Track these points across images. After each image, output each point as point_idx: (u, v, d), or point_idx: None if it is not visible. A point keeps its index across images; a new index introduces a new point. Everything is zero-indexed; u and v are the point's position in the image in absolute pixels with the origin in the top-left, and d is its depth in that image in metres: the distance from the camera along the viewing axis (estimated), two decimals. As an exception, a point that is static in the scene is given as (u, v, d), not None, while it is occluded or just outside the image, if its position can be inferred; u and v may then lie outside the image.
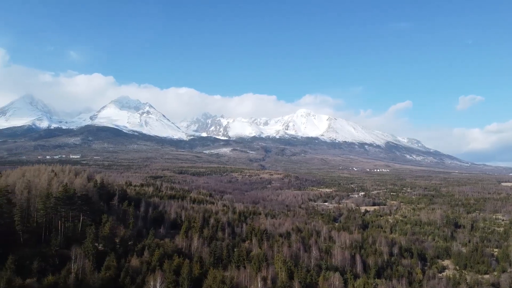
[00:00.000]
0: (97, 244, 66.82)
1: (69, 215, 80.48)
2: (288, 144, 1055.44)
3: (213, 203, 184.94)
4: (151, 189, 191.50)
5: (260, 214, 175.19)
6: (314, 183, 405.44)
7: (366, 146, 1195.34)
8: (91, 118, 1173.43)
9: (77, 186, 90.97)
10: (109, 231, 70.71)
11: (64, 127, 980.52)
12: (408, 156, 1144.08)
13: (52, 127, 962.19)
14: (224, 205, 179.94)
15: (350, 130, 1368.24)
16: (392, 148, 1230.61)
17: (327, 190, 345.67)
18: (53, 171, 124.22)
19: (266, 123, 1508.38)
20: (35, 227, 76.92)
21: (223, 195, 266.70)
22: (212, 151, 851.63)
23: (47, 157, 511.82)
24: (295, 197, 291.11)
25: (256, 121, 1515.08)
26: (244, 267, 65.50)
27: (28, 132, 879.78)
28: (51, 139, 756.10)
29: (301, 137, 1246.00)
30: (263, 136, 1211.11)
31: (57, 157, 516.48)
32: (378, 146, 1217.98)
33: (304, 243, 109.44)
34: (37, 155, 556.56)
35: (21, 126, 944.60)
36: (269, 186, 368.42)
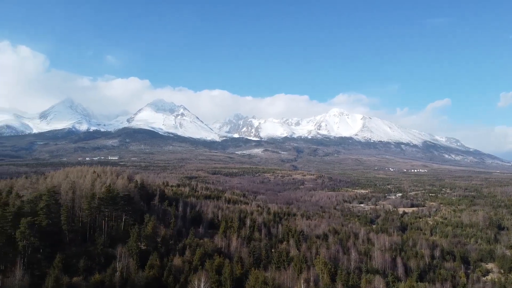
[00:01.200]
0: (139, 243, 68.69)
1: (112, 215, 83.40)
2: (320, 144, 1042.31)
3: (247, 203, 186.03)
4: (187, 189, 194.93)
5: (294, 215, 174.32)
6: (349, 184, 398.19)
7: (402, 146, 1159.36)
8: (128, 120, 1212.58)
9: (119, 187, 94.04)
10: (151, 230, 72.55)
11: (102, 130, 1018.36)
12: (446, 156, 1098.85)
13: (91, 130, 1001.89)
14: (258, 206, 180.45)
15: (385, 129, 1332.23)
16: (429, 147, 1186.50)
17: (363, 191, 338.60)
18: (94, 172, 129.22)
19: (297, 123, 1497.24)
20: (80, 227, 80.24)
21: (256, 196, 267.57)
22: (244, 151, 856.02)
23: (87, 158, 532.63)
24: (329, 198, 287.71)
25: (287, 121, 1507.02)
26: (285, 268, 65.27)
27: (68, 134, 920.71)
28: (90, 141, 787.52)
29: (334, 137, 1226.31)
30: (295, 136, 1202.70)
31: (96, 158, 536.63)
32: (415, 146, 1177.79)
33: (342, 245, 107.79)
34: (77, 156, 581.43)
35: (62, 129, 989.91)
36: (302, 187, 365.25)
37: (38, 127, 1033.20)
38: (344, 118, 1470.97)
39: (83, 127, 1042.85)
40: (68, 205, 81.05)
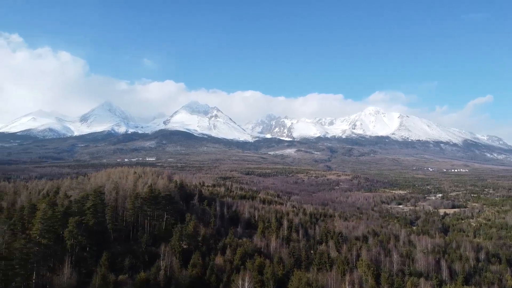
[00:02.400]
0: (181, 242, 69.85)
1: (154, 214, 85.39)
2: (355, 144, 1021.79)
3: (282, 204, 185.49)
4: (222, 189, 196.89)
5: (331, 216, 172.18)
6: (386, 185, 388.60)
7: (441, 145, 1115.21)
8: (164, 122, 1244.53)
9: (160, 187, 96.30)
10: (193, 230, 73.67)
11: (140, 132, 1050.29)
12: (488, 155, 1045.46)
13: (129, 132, 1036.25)
14: (293, 206, 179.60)
15: (424, 128, 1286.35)
16: (470, 146, 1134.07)
17: (401, 192, 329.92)
18: (135, 172, 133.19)
19: (331, 123, 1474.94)
20: (123, 226, 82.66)
21: (290, 196, 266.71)
22: (277, 152, 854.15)
23: (125, 160, 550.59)
24: (366, 199, 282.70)
25: (320, 121, 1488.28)
26: (326, 270, 64.18)
27: (107, 137, 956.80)
28: (129, 143, 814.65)
29: (370, 136, 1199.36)
30: (328, 136, 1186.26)
31: (135, 160, 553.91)
32: (455, 145, 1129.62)
33: (383, 247, 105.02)
34: (116, 158, 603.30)
35: (101, 131, 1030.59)
36: (337, 187, 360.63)
37: (79, 130, 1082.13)
38: (380, 117, 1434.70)
39: (122, 129, 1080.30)
40: (112, 205, 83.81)
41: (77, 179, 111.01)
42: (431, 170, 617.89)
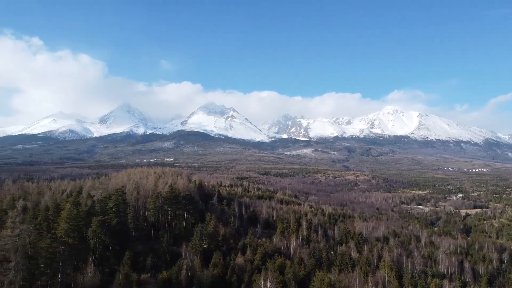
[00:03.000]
0: (202, 242, 70.12)
1: (174, 214, 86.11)
2: (373, 144, 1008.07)
3: (299, 204, 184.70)
4: (239, 189, 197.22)
5: (350, 216, 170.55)
6: (405, 185, 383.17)
7: (462, 144, 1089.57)
8: (181, 123, 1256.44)
9: (180, 187, 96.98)
10: (213, 229, 73.91)
11: (158, 133, 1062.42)
12: (510, 154, 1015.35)
13: (147, 133, 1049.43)
14: (311, 207, 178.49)
15: (443, 127, 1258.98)
16: (492, 145, 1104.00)
17: (421, 192, 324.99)
18: (155, 172, 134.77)
19: (348, 122, 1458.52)
20: (145, 225, 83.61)
21: (308, 197, 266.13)
22: (293, 152, 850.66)
23: (144, 160, 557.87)
24: (385, 200, 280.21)
25: (338, 120, 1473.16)
26: (348, 271, 63.36)
27: (126, 138, 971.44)
28: (147, 144, 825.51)
29: (388, 136, 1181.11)
30: (346, 136, 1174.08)
31: (153, 160, 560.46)
32: (476, 144, 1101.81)
33: (405, 248, 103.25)
34: (135, 158, 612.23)
35: (120, 132, 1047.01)
36: (355, 188, 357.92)
37: (99, 131, 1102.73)
38: (399, 116, 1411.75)
39: (140, 130, 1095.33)
40: (133, 205, 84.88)
41: (98, 179, 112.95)
42: (451, 170, 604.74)
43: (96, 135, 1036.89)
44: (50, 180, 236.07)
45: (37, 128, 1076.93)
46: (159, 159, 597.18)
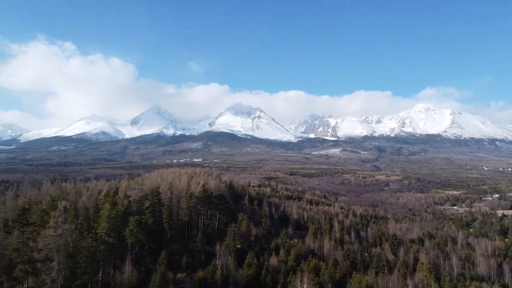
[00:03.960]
0: (235, 242, 70.35)
1: (207, 214, 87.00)
2: (404, 143, 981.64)
3: (329, 205, 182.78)
4: (268, 189, 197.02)
5: (382, 217, 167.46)
6: (439, 185, 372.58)
7: (497, 143, 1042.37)
8: (209, 124, 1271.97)
9: (212, 187, 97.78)
10: (246, 229, 74.05)
11: (187, 134, 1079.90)
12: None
13: (177, 134, 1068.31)
14: (341, 208, 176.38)
15: (477, 125, 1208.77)
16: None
17: (455, 192, 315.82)
18: (186, 173, 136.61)
19: (378, 121, 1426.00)
20: (178, 225, 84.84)
21: (337, 197, 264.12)
22: (321, 152, 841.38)
23: (174, 161, 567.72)
24: (418, 200, 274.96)
25: (367, 119, 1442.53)
26: (384, 273, 61.71)
27: (157, 139, 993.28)
28: (177, 145, 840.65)
29: (420, 134, 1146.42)
30: (376, 135, 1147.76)
31: (182, 161, 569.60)
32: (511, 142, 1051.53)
33: (441, 250, 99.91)
34: (165, 159, 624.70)
35: (151, 134, 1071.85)
36: (386, 188, 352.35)
37: (130, 132, 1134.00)
38: (430, 114, 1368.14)
39: (170, 131, 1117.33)
40: (167, 204, 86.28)
41: (133, 179, 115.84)
42: (486, 169, 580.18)
43: (127, 136, 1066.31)
44: (86, 181, 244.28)
45: (71, 130, 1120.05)
46: (188, 159, 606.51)
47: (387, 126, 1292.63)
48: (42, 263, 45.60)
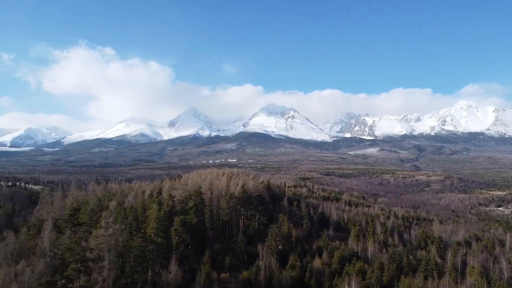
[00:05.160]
0: (277, 243, 70.26)
1: (247, 214, 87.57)
2: (446, 142, 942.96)
3: (369, 206, 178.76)
4: (304, 190, 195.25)
5: (425, 219, 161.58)
6: (483, 185, 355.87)
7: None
8: (243, 125, 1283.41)
9: (250, 187, 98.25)
10: (287, 230, 73.81)
11: (222, 135, 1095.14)
12: None
13: (212, 135, 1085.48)
14: (381, 209, 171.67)
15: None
16: None
17: (500, 193, 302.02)
18: (224, 173, 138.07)
19: (418, 119, 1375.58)
20: (219, 224, 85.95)
21: (376, 198, 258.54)
22: (358, 152, 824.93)
23: (210, 161, 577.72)
24: (461, 201, 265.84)
25: (406, 117, 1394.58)
26: (433, 277, 59.35)
27: (193, 140, 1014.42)
28: (212, 146, 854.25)
29: (462, 133, 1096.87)
30: (415, 133, 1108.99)
31: (218, 161, 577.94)
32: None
33: (490, 253, 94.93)
34: (201, 160, 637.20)
35: (188, 135, 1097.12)
36: (427, 189, 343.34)
37: (168, 134, 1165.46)
38: (473, 111, 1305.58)
39: (205, 133, 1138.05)
40: (208, 204, 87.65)
41: (174, 180, 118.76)
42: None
43: (165, 138, 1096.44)
44: (127, 181, 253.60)
45: (112, 132, 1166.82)
46: (223, 160, 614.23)
47: (427, 125, 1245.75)
48: (93, 262, 47.38)
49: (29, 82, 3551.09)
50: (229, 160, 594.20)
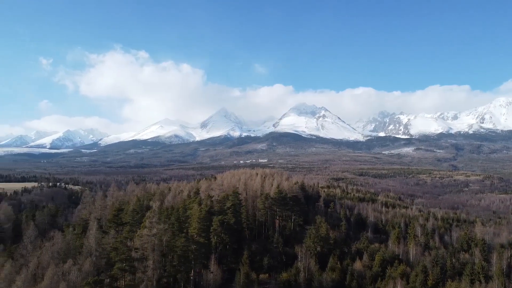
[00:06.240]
0: (316, 244, 69.72)
1: (283, 215, 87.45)
2: (484, 140, 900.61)
3: (406, 207, 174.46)
4: (338, 190, 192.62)
5: (465, 221, 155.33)
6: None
7: None
8: (274, 125, 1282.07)
9: (285, 188, 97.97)
10: (326, 232, 73.09)
11: (252, 135, 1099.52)
12: None
13: (242, 136, 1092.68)
14: (419, 210, 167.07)
15: None
16: None
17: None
18: (257, 173, 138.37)
19: (455, 117, 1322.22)
20: (255, 225, 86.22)
21: (413, 199, 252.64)
22: (392, 151, 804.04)
23: (241, 162, 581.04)
24: (502, 202, 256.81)
25: (442, 115, 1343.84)
26: (480, 281, 56.82)
27: (224, 141, 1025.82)
28: (243, 146, 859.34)
29: (502, 130, 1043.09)
30: (452, 132, 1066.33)
31: (249, 161, 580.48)
32: None
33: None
34: (232, 160, 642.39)
35: (219, 136, 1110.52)
36: (466, 189, 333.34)
37: (200, 135, 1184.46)
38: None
39: (236, 133, 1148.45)
40: (244, 204, 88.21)
41: (209, 180, 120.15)
42: None
43: (197, 139, 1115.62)
44: (162, 181, 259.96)
45: (147, 134, 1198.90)
46: (253, 160, 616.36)
47: (465, 123, 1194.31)
48: (138, 261, 48.58)
49: (66, 85, 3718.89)
50: (259, 161, 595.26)
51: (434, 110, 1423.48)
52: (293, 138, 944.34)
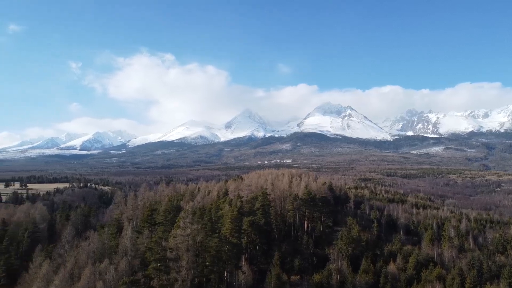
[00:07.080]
0: (347, 246, 69.01)
1: (312, 216, 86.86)
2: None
3: (437, 208, 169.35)
4: (366, 191, 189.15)
5: (499, 222, 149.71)
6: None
7: None
8: (298, 125, 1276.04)
9: (314, 189, 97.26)
10: (357, 234, 72.24)
11: (276, 135, 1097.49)
12: None
13: (266, 136, 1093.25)
14: (451, 211, 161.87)
15: None
16: None
17: None
18: (283, 174, 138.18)
19: (486, 115, 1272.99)
20: (283, 225, 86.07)
21: (444, 200, 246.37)
22: (421, 151, 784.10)
23: (265, 162, 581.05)
24: None
25: (473, 113, 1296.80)
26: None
27: (248, 141, 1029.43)
28: (267, 147, 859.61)
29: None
30: (483, 130, 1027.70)
31: (273, 162, 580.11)
32: None
33: None
34: (257, 160, 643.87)
35: (243, 136, 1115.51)
36: (498, 189, 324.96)
37: (224, 136, 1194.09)
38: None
39: (260, 134, 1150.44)
40: (272, 205, 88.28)
41: (236, 180, 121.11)
42: None
43: (222, 139, 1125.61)
44: (189, 181, 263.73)
45: (173, 135, 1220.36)
46: (278, 160, 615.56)
47: (496, 121, 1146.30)
48: (173, 261, 49.46)
49: (95, 88, 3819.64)
50: (284, 161, 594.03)
51: (464, 108, 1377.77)
52: (318, 138, 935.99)
